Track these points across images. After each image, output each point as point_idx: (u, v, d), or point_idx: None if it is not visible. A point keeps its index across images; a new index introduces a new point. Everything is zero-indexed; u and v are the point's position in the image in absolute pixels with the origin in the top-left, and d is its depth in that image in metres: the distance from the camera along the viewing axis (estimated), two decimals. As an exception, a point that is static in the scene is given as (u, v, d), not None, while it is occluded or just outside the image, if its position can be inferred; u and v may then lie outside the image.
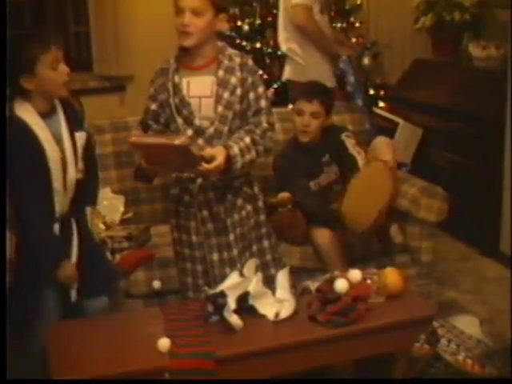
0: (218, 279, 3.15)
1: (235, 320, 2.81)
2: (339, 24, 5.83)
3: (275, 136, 3.44)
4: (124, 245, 3.81)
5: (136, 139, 3.06)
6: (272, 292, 2.98)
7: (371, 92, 6.07)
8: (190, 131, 3.17)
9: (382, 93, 6.16)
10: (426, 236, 4.16)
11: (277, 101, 5.30)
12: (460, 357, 3.49)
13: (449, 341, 3.55)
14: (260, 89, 3.25)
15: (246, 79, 3.20)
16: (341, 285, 2.95)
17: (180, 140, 2.92)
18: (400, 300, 3.05)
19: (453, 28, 5.70)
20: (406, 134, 5.57)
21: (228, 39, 5.45)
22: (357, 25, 6.07)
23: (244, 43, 5.67)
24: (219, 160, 3.03)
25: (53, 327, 2.94)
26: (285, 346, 2.82)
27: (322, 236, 3.93)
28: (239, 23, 5.76)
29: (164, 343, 2.70)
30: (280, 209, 3.98)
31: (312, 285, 3.13)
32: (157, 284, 3.73)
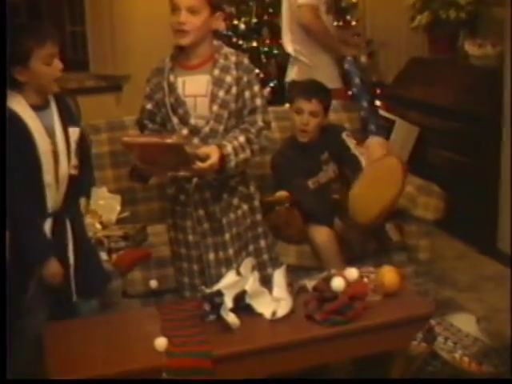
0: (214, 279, 3.14)
1: (232, 319, 2.81)
2: (335, 22, 5.82)
3: (271, 135, 3.44)
4: (120, 244, 3.80)
5: (128, 139, 3.07)
6: (269, 291, 2.98)
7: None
8: (186, 130, 3.17)
9: (378, 91, 6.15)
10: (423, 234, 4.17)
11: (273, 99, 5.29)
12: (457, 355, 3.49)
13: (446, 339, 3.55)
14: (256, 87, 3.24)
15: (242, 78, 3.20)
16: (338, 283, 2.94)
17: (172, 139, 2.92)
18: (397, 298, 3.06)
19: (449, 26, 5.70)
20: (403, 133, 5.57)
21: (224, 38, 5.47)
22: (353, 23, 6.07)
23: (240, 42, 5.66)
24: (213, 159, 3.02)
25: (49, 327, 2.94)
26: (282, 345, 2.82)
27: (320, 234, 3.93)
28: (235, 22, 5.74)
29: (161, 342, 2.70)
30: (277, 207, 3.97)
31: (309, 283, 3.13)
32: (154, 283, 3.72)
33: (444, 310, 3.99)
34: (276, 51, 5.60)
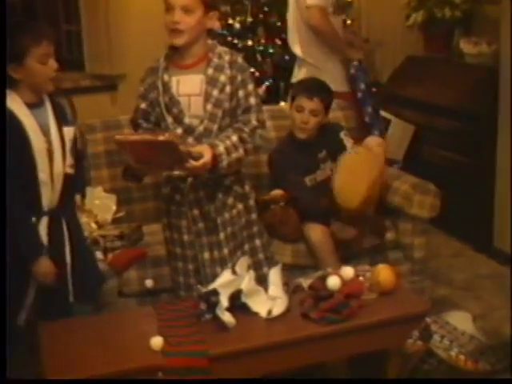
0: (210, 278, 3.14)
1: (228, 318, 2.81)
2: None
3: (266, 134, 3.43)
4: (116, 244, 3.80)
5: (121, 137, 3.06)
6: (264, 289, 2.98)
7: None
8: (180, 130, 3.16)
9: (374, 90, 6.14)
10: (419, 232, 4.16)
11: (268, 98, 5.29)
12: (453, 353, 3.49)
13: (442, 337, 3.56)
14: (250, 86, 3.23)
15: (236, 77, 3.19)
16: (333, 282, 2.95)
17: (165, 136, 2.92)
18: (393, 296, 3.06)
19: (444, 24, 5.71)
20: (398, 131, 5.57)
21: (219, 37, 5.46)
22: (348, 22, 6.05)
23: (235, 41, 5.65)
24: (206, 158, 3.02)
25: (45, 327, 2.93)
26: (278, 344, 2.82)
27: (315, 232, 3.93)
28: (230, 21, 5.73)
29: (157, 342, 2.70)
30: (272, 206, 3.98)
31: (304, 282, 3.13)
32: (149, 283, 3.72)
33: (440, 308, 4.00)
34: (271, 50, 5.59)
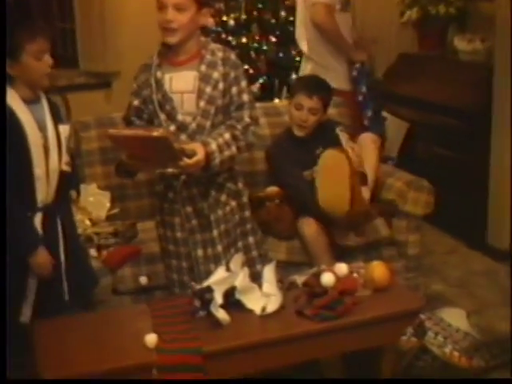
0: (203, 275, 3.14)
1: (222, 315, 2.81)
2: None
3: (260, 131, 3.43)
4: (110, 241, 3.79)
5: (113, 132, 3.03)
6: (259, 286, 2.98)
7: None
8: (173, 127, 3.16)
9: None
10: (413, 229, 4.16)
11: (263, 96, 5.29)
12: (447, 349, 3.50)
13: (436, 333, 3.57)
14: (243, 83, 3.23)
15: (229, 74, 3.19)
16: (327, 278, 2.95)
17: (158, 132, 2.91)
18: (387, 293, 3.06)
19: (438, 21, 5.71)
20: (392, 128, 5.57)
21: (213, 34, 5.47)
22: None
23: (229, 38, 5.65)
24: (199, 155, 3.02)
25: (39, 324, 2.93)
26: (272, 341, 2.82)
27: (310, 228, 3.92)
28: (225, 18, 5.73)
29: (151, 339, 2.69)
30: (267, 203, 3.98)
31: (299, 279, 3.13)
32: (144, 280, 3.72)
33: (434, 305, 4.01)
34: (265, 47, 5.58)
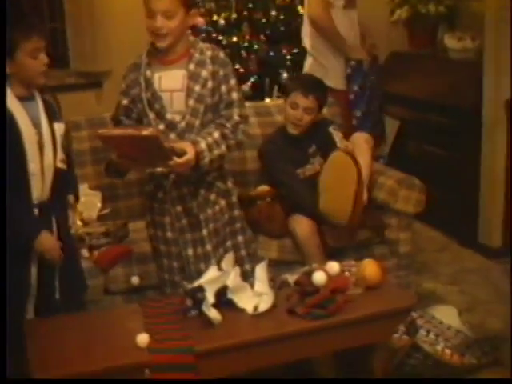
0: (194, 275, 3.15)
1: (214, 314, 2.81)
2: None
3: (251, 130, 3.43)
4: (102, 241, 3.79)
5: (104, 131, 3.04)
6: (250, 285, 2.98)
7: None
8: (162, 126, 3.16)
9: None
10: (404, 227, 4.17)
11: (253, 95, 5.28)
12: (439, 347, 3.51)
13: (428, 331, 3.57)
14: (232, 81, 3.24)
15: (218, 72, 3.20)
16: (319, 277, 2.95)
17: (148, 131, 2.91)
18: (378, 291, 3.06)
19: (428, 20, 5.72)
20: (383, 126, 5.57)
21: (204, 33, 5.46)
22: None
23: (220, 37, 5.65)
24: (189, 155, 3.02)
25: (31, 324, 2.93)
26: (264, 340, 2.83)
27: (301, 226, 3.92)
28: (215, 17, 5.72)
29: (143, 339, 2.69)
30: (258, 202, 3.98)
31: (290, 278, 3.13)
32: (135, 280, 3.71)
33: (426, 303, 4.02)
34: (256, 46, 5.57)
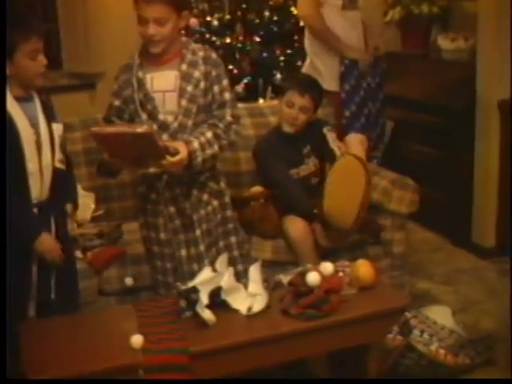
0: (187, 275, 3.15)
1: (208, 315, 2.80)
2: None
3: (244, 131, 3.43)
4: (95, 242, 3.79)
5: (97, 129, 3.02)
6: (244, 286, 2.98)
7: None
8: (155, 126, 3.16)
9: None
10: (398, 228, 4.17)
11: (247, 96, 5.29)
12: (433, 347, 3.51)
13: (422, 331, 3.58)
14: (224, 81, 3.25)
15: (210, 72, 3.20)
16: (313, 278, 2.95)
17: (142, 128, 2.91)
18: (372, 292, 3.06)
19: (421, 21, 5.73)
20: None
21: (197, 34, 5.46)
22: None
23: (213, 38, 5.65)
24: (182, 154, 3.02)
25: (24, 325, 2.92)
26: (258, 340, 2.82)
27: (295, 227, 3.91)
28: (208, 18, 5.73)
29: (137, 340, 2.69)
30: (252, 203, 3.97)
31: (284, 278, 3.13)
32: (129, 281, 3.72)
33: (420, 303, 4.03)
34: (249, 47, 5.58)
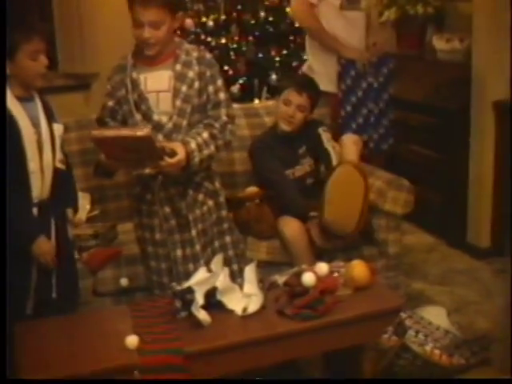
0: (182, 275, 3.15)
1: (203, 316, 2.81)
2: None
3: (240, 132, 3.43)
4: (91, 243, 3.79)
5: (97, 132, 3.01)
6: (240, 287, 2.98)
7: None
8: (149, 127, 3.15)
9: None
10: (393, 228, 4.16)
11: (242, 96, 5.29)
12: (428, 347, 3.51)
13: (417, 332, 3.58)
14: (219, 82, 3.26)
15: (205, 73, 3.21)
16: (308, 278, 2.95)
17: (143, 131, 2.91)
18: (367, 292, 3.07)
19: (416, 21, 5.73)
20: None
21: (193, 35, 5.47)
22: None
23: (209, 39, 5.66)
24: (181, 155, 3.03)
25: (19, 326, 2.91)
26: (253, 341, 2.82)
27: (290, 228, 3.90)
28: (204, 19, 5.74)
29: (132, 340, 2.69)
30: (247, 203, 3.98)
31: (280, 279, 3.13)
32: (124, 281, 3.71)
33: (415, 303, 4.03)
34: (245, 48, 5.59)
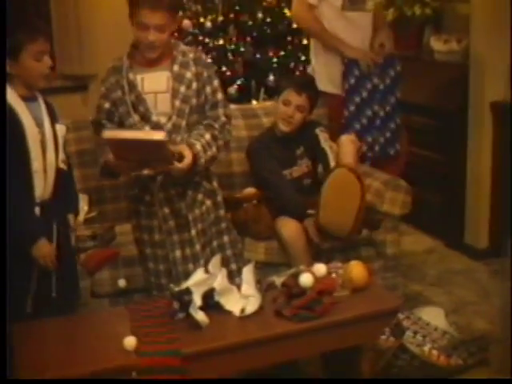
0: (182, 276, 3.15)
1: (201, 317, 2.81)
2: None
3: (237, 133, 3.43)
4: (89, 244, 3.78)
5: (111, 133, 3.00)
6: (237, 288, 2.99)
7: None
8: (148, 128, 3.16)
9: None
10: (391, 229, 4.16)
11: (240, 97, 5.29)
12: (426, 348, 3.52)
13: (414, 332, 3.58)
14: (215, 82, 3.29)
15: (202, 73, 3.23)
16: (306, 279, 2.95)
17: (158, 135, 2.90)
18: (365, 293, 3.07)
19: (414, 22, 5.73)
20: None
21: (191, 36, 5.47)
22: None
23: (207, 40, 5.65)
24: (189, 158, 3.05)
25: (17, 327, 2.91)
26: (251, 342, 2.83)
27: (288, 228, 3.90)
28: (202, 20, 5.73)
29: (130, 342, 2.69)
30: (245, 204, 3.98)
31: (277, 280, 3.13)
32: (122, 283, 3.71)
33: (413, 304, 4.04)
34: (242, 49, 5.58)
